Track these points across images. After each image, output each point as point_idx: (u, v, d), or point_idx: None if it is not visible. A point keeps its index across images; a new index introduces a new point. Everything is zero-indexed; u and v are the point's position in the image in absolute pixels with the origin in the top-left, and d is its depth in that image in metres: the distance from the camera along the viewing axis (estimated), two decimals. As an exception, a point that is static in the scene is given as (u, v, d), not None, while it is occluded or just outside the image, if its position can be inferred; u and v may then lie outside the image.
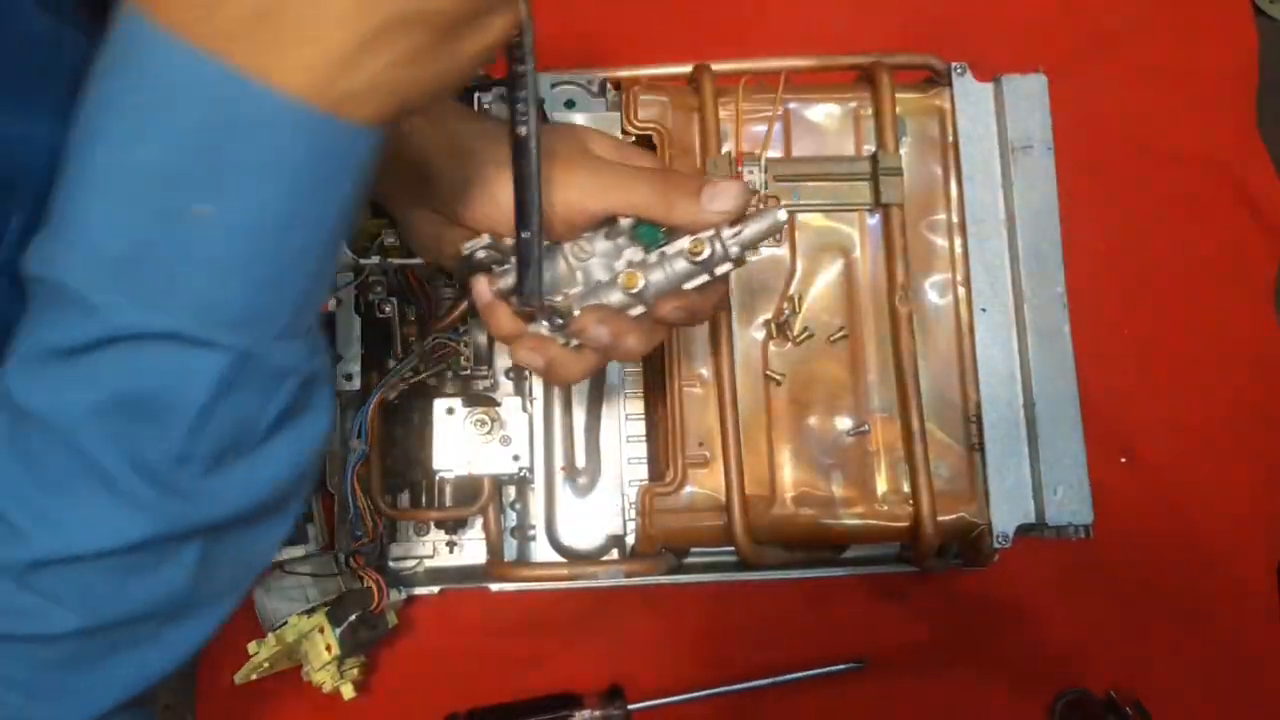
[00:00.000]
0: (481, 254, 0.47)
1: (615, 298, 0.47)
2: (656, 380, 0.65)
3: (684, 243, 0.46)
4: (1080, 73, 0.84)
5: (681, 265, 0.46)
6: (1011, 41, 0.84)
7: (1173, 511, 0.79)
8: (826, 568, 0.70)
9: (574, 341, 0.47)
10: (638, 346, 0.48)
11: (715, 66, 0.68)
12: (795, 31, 0.85)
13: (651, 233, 0.47)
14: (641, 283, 0.46)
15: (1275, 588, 0.79)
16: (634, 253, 0.47)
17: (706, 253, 0.46)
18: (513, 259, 0.46)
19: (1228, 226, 0.83)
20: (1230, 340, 0.81)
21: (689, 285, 0.47)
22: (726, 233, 0.46)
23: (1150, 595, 0.78)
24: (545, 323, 0.47)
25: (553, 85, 0.68)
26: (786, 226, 0.66)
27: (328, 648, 0.64)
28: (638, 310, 0.47)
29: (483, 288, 0.47)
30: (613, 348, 0.47)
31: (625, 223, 0.46)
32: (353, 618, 0.64)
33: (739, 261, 0.47)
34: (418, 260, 0.63)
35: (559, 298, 0.47)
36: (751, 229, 0.46)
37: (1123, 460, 0.80)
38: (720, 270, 0.46)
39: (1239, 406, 0.80)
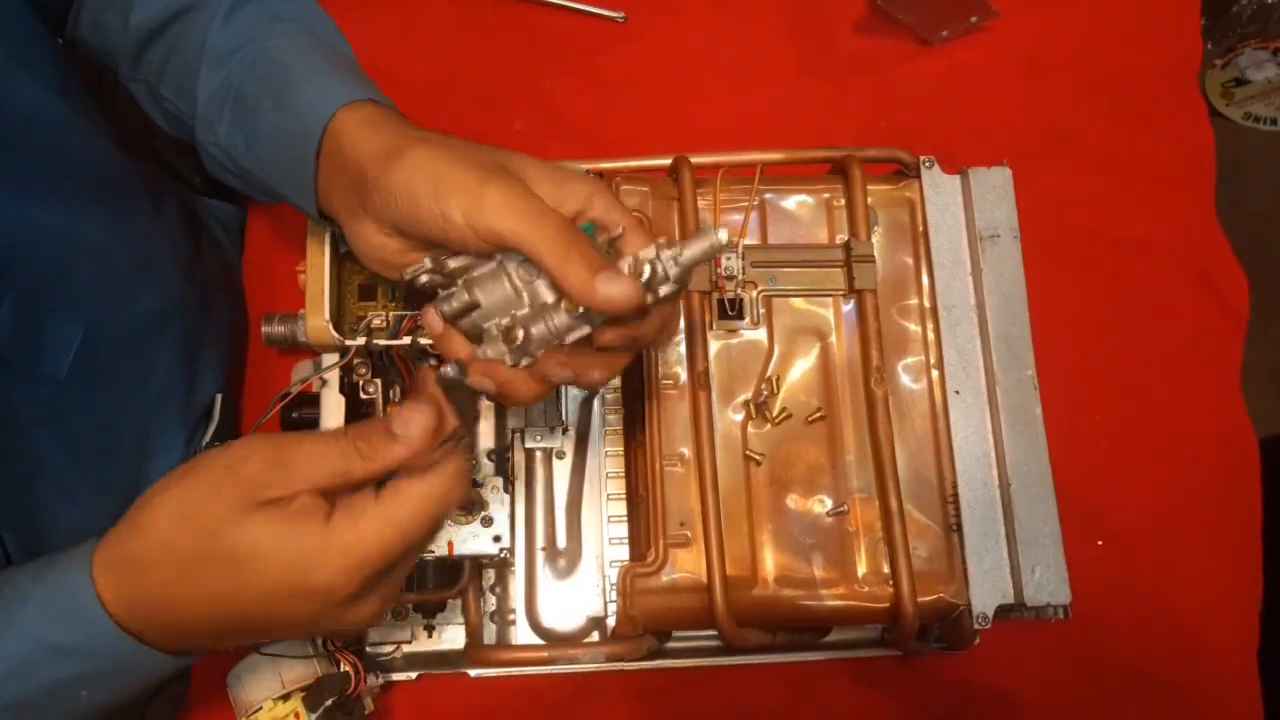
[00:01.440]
0: (424, 278, 0.48)
1: (560, 319, 0.47)
2: (637, 460, 0.66)
3: (626, 263, 0.46)
4: (1044, 165, 0.87)
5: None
6: (976, 135, 0.88)
7: (1151, 594, 0.79)
8: (808, 651, 0.70)
9: (524, 361, 0.48)
10: (601, 377, 0.50)
11: (694, 159, 0.71)
12: (770, 126, 0.89)
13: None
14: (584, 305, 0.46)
15: (1255, 671, 0.79)
16: None
17: (647, 273, 0.45)
18: (458, 281, 0.47)
19: (1192, 311, 0.86)
20: (1199, 423, 0.83)
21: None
22: (666, 253, 0.46)
23: (1130, 678, 0.78)
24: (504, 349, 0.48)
25: (537, 175, 0.70)
26: (765, 311, 0.68)
27: (303, 734, 0.63)
28: (583, 331, 0.47)
29: (434, 320, 0.49)
30: (576, 382, 0.49)
31: None
32: (329, 703, 0.63)
33: (681, 283, 0.47)
34: (404, 341, 0.64)
35: (505, 319, 0.48)
36: (691, 249, 0.46)
37: (1099, 543, 0.80)
38: (663, 291, 0.46)
39: (1210, 488, 0.81)
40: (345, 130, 0.51)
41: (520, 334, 0.47)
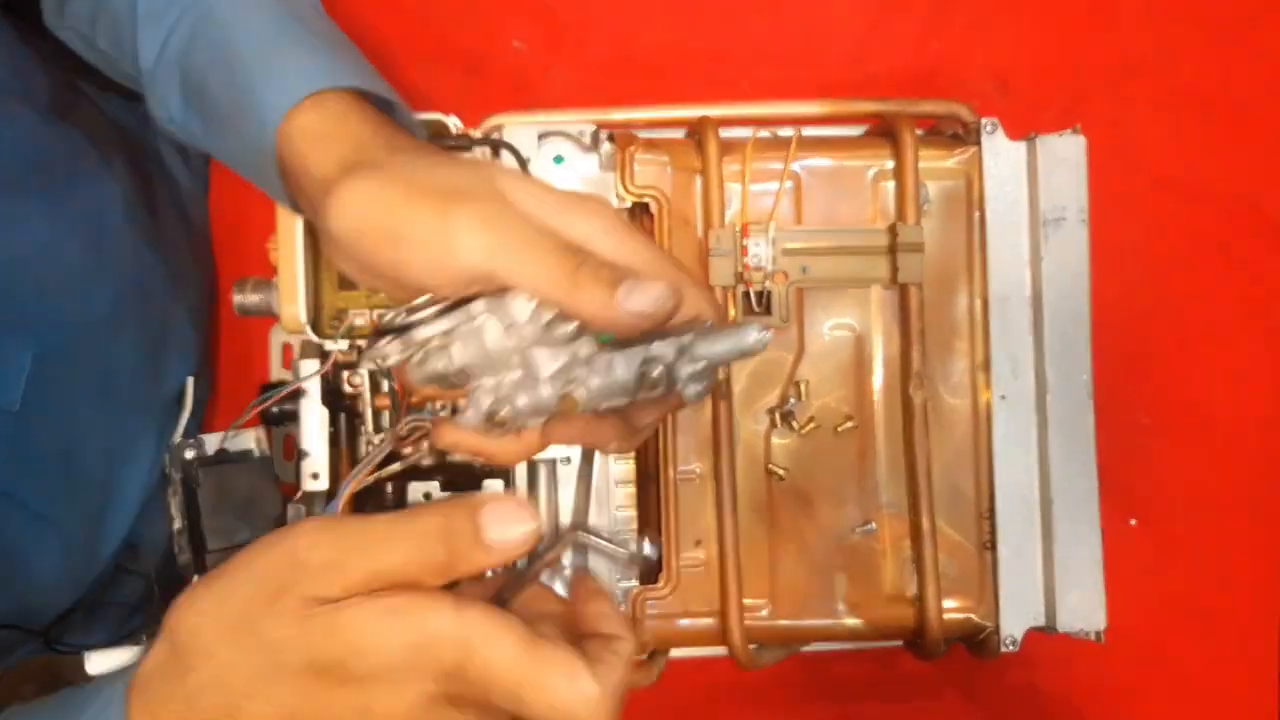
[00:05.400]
0: (394, 359, 0.39)
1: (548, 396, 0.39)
2: (649, 471, 0.61)
3: (636, 356, 0.39)
4: (1108, 97, 0.77)
5: (627, 377, 0.39)
6: (1035, 60, 0.77)
7: (1179, 577, 0.76)
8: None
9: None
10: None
11: (718, 112, 0.62)
12: (806, 44, 0.78)
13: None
14: (584, 396, 0.39)
15: (1275, 647, 0.78)
16: (586, 345, 0.39)
17: (657, 372, 0.39)
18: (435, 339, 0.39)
19: (1257, 272, 0.78)
20: (1252, 399, 0.77)
21: (646, 396, 0.40)
22: (685, 369, 0.39)
23: (1154, 661, 0.76)
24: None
25: (540, 136, 0.61)
26: (795, 305, 0.61)
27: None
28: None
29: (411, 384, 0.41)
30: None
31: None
32: None
33: (706, 382, 0.40)
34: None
35: (490, 381, 0.40)
36: (717, 347, 0.39)
37: (1132, 523, 0.76)
38: (689, 394, 0.40)
39: (1256, 469, 0.77)
40: (295, 140, 0.41)
41: (506, 411, 0.39)
